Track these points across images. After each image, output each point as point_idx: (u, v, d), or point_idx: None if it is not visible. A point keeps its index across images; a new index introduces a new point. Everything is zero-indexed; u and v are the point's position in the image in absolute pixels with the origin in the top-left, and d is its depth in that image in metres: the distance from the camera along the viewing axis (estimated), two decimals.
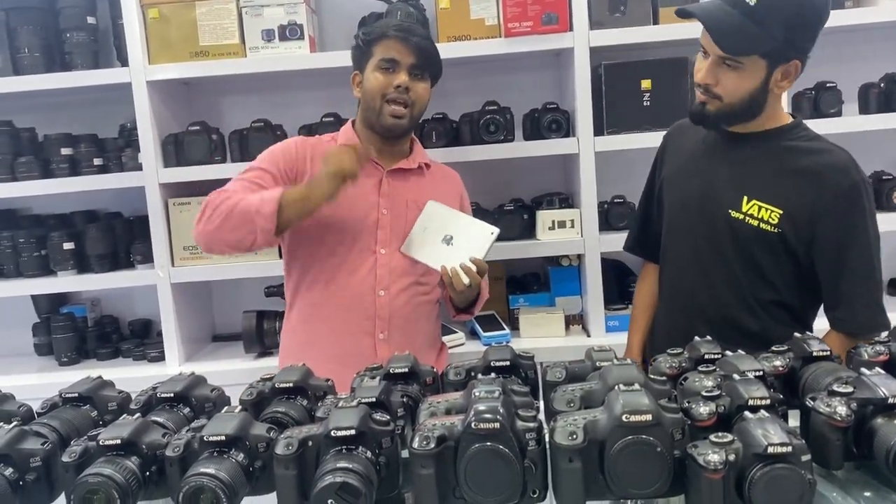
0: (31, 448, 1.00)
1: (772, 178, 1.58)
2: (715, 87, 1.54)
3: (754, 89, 1.53)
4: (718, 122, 1.60)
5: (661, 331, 1.79)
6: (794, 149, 1.59)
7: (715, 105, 1.56)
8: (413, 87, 1.80)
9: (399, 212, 1.85)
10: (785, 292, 1.61)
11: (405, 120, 1.81)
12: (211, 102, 2.77)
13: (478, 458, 0.89)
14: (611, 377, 1.02)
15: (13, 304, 2.77)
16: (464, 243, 1.77)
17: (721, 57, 1.51)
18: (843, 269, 1.56)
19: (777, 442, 0.83)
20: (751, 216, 1.57)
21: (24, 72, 2.48)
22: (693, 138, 1.72)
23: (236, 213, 1.66)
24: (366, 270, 1.81)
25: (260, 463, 0.97)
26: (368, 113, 1.83)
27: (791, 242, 1.56)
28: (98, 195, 2.66)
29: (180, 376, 1.22)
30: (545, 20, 2.34)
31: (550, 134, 2.44)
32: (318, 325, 1.84)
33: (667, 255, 1.77)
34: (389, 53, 1.79)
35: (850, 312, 1.57)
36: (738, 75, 1.51)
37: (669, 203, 1.75)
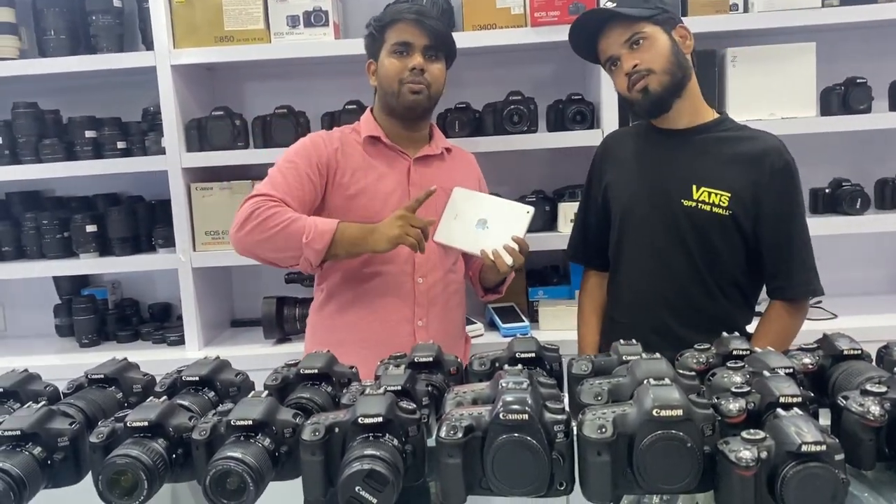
0: (60, 428, 1.00)
1: (715, 165, 1.70)
2: (641, 64, 1.66)
3: (669, 49, 1.67)
4: (668, 94, 1.68)
5: (620, 327, 1.80)
6: (729, 138, 1.73)
7: (654, 80, 1.67)
8: (428, 68, 1.81)
9: (428, 199, 1.84)
10: (737, 273, 1.73)
11: (423, 97, 1.81)
12: (234, 88, 2.77)
13: (505, 449, 0.88)
14: (640, 371, 1.01)
15: (35, 286, 2.80)
16: (500, 225, 1.78)
17: (626, 42, 1.67)
18: (782, 240, 1.69)
19: (811, 440, 0.82)
20: (703, 202, 1.68)
21: (49, 54, 2.50)
22: (631, 143, 1.85)
23: (284, 235, 1.67)
24: (403, 259, 1.83)
25: (286, 448, 0.97)
26: (387, 98, 1.84)
27: (741, 222, 1.68)
28: (121, 178, 2.68)
29: (205, 360, 1.22)
30: (572, 10, 2.31)
31: (574, 125, 2.42)
32: (356, 313, 1.84)
33: (622, 254, 1.82)
34: (402, 37, 1.80)
35: (787, 280, 1.71)
36: (649, 44, 1.66)
37: (619, 205, 1.81)
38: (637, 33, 1.67)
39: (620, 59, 1.69)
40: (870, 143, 2.61)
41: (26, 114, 2.51)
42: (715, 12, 2.35)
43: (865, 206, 2.44)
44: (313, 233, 1.67)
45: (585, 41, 1.77)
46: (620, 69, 1.70)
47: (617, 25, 1.68)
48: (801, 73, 2.38)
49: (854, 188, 2.44)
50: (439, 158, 1.94)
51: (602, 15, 1.71)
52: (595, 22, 1.73)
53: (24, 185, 2.73)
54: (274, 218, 1.68)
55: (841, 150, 2.63)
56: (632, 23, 1.67)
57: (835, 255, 2.35)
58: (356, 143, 1.87)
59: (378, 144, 1.88)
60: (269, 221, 1.68)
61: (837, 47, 2.53)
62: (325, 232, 1.67)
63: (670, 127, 1.75)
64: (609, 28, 1.70)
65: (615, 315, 1.87)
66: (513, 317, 2.50)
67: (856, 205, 2.42)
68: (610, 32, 1.70)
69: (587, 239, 1.94)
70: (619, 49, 1.69)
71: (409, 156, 1.88)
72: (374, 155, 1.87)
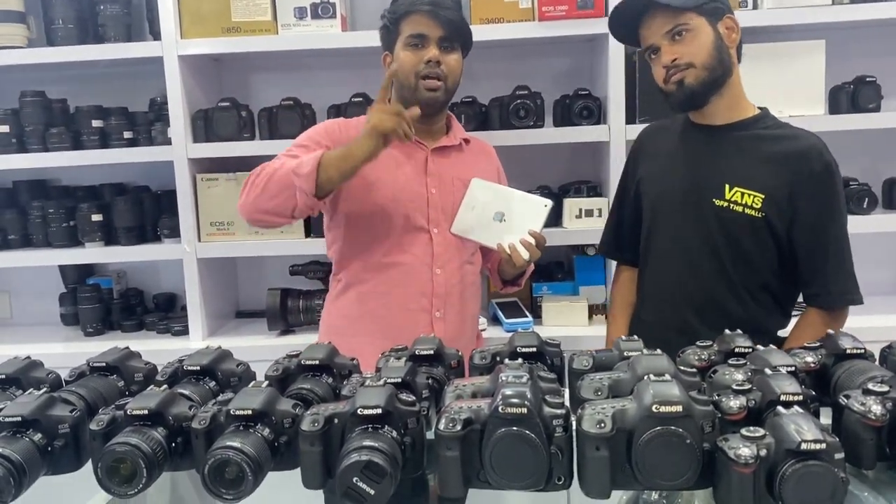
0: (60, 415, 1.00)
1: (751, 165, 1.64)
2: (681, 58, 1.60)
3: (713, 43, 1.61)
4: (705, 90, 1.63)
5: (646, 326, 1.79)
6: (767, 136, 1.67)
7: (692, 75, 1.61)
8: (445, 59, 1.78)
9: (447, 190, 1.85)
10: (769, 277, 1.67)
11: (440, 92, 1.79)
12: (241, 79, 2.77)
13: (504, 443, 0.88)
14: (640, 367, 1.00)
15: (41, 274, 2.81)
16: (517, 218, 1.75)
17: (669, 32, 1.60)
18: (820, 245, 1.63)
19: (811, 438, 0.81)
20: (735, 203, 1.63)
21: (57, 43, 2.50)
22: (667, 137, 1.80)
23: (275, 179, 1.66)
24: (421, 249, 1.82)
25: (285, 438, 0.97)
26: (404, 92, 1.81)
27: (774, 225, 1.62)
28: (127, 168, 2.69)
29: (207, 350, 1.22)
30: (580, 5, 2.31)
31: (581, 121, 2.42)
32: (374, 303, 1.83)
33: (650, 250, 1.79)
34: (417, 29, 1.77)
35: (824, 287, 1.65)
36: (692, 36, 1.60)
37: (651, 200, 1.78)
38: (680, 24, 1.60)
39: (661, 49, 1.63)
40: (878, 142, 2.59)
41: (34, 102, 2.52)
42: None
43: (873, 206, 2.43)
44: (298, 165, 1.65)
45: (627, 25, 1.70)
46: (659, 60, 1.64)
47: (660, 13, 1.61)
48: (810, 70, 2.37)
49: (861, 187, 2.43)
50: (457, 149, 1.91)
51: (646, 2, 1.63)
52: (638, 7, 1.65)
53: (30, 173, 2.74)
54: (266, 172, 1.69)
55: (849, 148, 2.59)
56: (676, 12, 1.60)
57: None
58: None
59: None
60: (262, 176, 1.69)
61: (847, 45, 2.51)
62: (311, 158, 1.65)
63: (707, 122, 1.70)
64: (652, 15, 1.63)
65: (641, 313, 1.84)
66: (516, 312, 2.50)
67: (863, 204, 2.41)
68: (652, 20, 1.63)
69: (620, 233, 1.91)
70: (660, 39, 1.63)
71: (426, 146, 1.86)
72: (392, 145, 1.80)
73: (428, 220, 1.83)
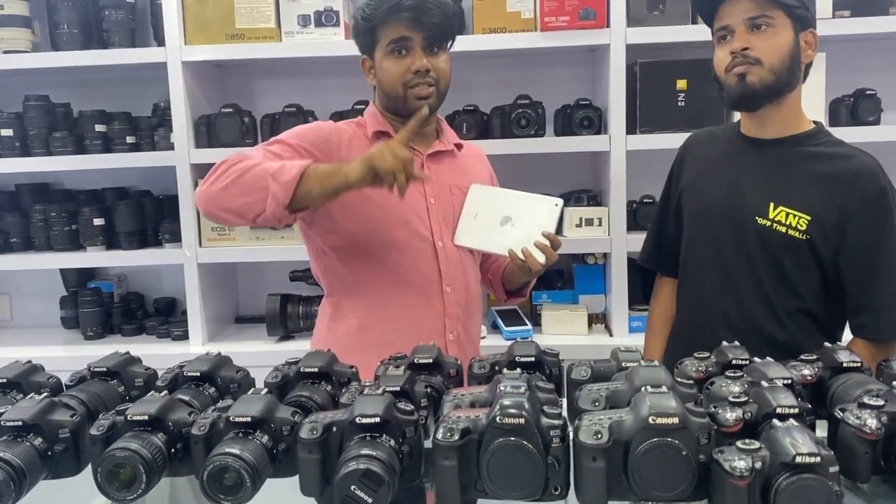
0: (61, 419, 1.01)
1: (798, 183, 1.56)
2: (752, 50, 1.51)
3: (789, 51, 1.52)
4: (764, 94, 1.53)
5: (680, 342, 1.75)
6: (820, 154, 1.58)
7: (756, 73, 1.51)
8: (433, 64, 1.62)
9: (445, 199, 1.71)
10: (811, 301, 1.59)
11: (433, 98, 1.64)
12: (244, 85, 2.78)
13: (501, 453, 0.88)
14: (637, 378, 1.01)
15: (42, 277, 2.82)
16: (526, 221, 1.63)
17: (751, 19, 1.51)
18: (869, 274, 1.54)
19: (806, 451, 0.82)
20: (778, 223, 1.55)
21: (62, 48, 2.52)
22: (713, 147, 1.71)
23: (249, 177, 1.48)
24: (429, 267, 1.66)
25: (284, 446, 0.97)
26: (392, 101, 1.66)
27: (819, 249, 1.54)
28: (129, 173, 2.70)
29: (207, 356, 1.23)
30: (582, 15, 2.32)
31: (582, 130, 2.43)
32: (381, 329, 1.65)
33: (688, 264, 1.72)
34: (399, 32, 1.59)
35: (873, 318, 1.55)
36: (772, 33, 1.51)
37: (692, 211, 1.71)
38: (766, 16, 1.50)
39: (735, 34, 1.53)
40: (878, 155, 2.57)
41: (38, 106, 2.54)
42: None
43: None
44: (279, 169, 1.46)
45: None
46: (728, 44, 1.54)
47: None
48: (811, 83, 2.35)
49: None
50: (451, 155, 1.78)
51: None
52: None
53: (33, 177, 2.75)
54: (241, 166, 1.50)
55: None
56: (766, 3, 1.49)
57: None
58: (363, 139, 1.69)
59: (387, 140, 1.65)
60: (232, 170, 1.50)
61: (847, 58, 2.52)
62: (296, 165, 1.47)
63: (757, 135, 1.62)
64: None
65: (677, 328, 1.77)
66: (516, 320, 2.50)
67: None
68: (738, 2, 1.52)
69: (661, 243, 1.83)
70: (739, 23, 1.52)
71: (421, 152, 1.71)
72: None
73: (431, 233, 1.68)
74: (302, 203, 1.47)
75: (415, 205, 1.67)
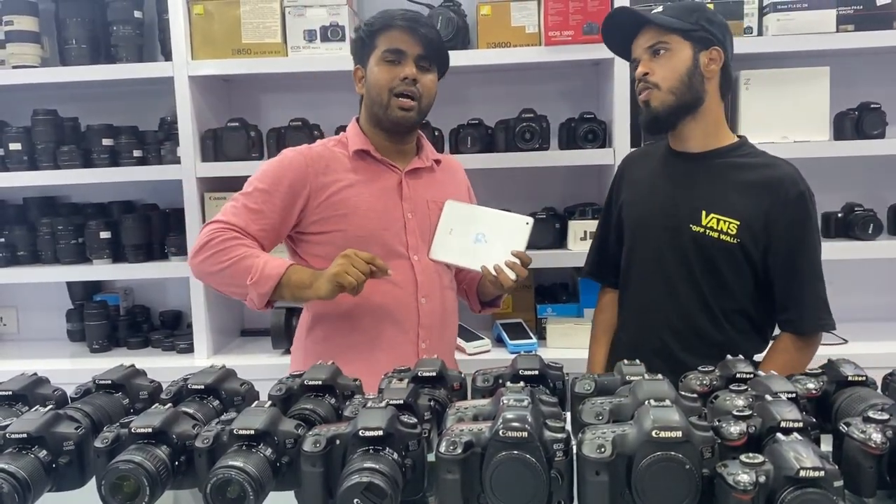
0: (65, 432, 1.01)
1: (727, 192, 1.67)
2: (652, 76, 1.65)
3: (686, 69, 1.64)
4: (668, 117, 1.67)
5: (623, 346, 1.82)
6: (744, 164, 1.69)
7: (657, 97, 1.66)
8: (421, 79, 1.71)
9: (422, 214, 1.77)
10: (745, 302, 1.69)
11: (413, 112, 1.71)
12: (250, 99, 2.80)
13: (504, 466, 0.88)
14: (641, 392, 1.01)
15: (49, 290, 2.83)
16: (498, 238, 1.69)
17: (650, 48, 1.66)
18: (792, 272, 1.65)
19: (809, 466, 0.82)
20: (711, 229, 1.66)
21: (70, 63, 2.54)
22: (647, 164, 1.83)
23: (231, 272, 1.62)
24: (404, 278, 1.73)
25: (287, 459, 0.97)
26: (375, 108, 1.73)
27: (749, 251, 1.65)
28: (136, 186, 2.72)
29: (211, 369, 1.23)
30: (586, 30, 2.33)
31: (586, 144, 2.43)
32: (356, 338, 1.73)
33: (630, 274, 1.81)
34: (395, 44, 1.69)
35: (797, 314, 1.67)
36: (668, 57, 1.64)
37: (631, 224, 1.81)
38: (661, 42, 1.65)
39: (640, 63, 1.69)
40: (883, 168, 2.60)
41: (46, 121, 2.56)
42: None
43: (878, 232, 2.43)
44: (259, 274, 1.59)
45: (624, 37, 1.74)
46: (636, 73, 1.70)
47: (650, 29, 1.67)
48: (815, 96, 2.38)
49: (867, 213, 2.43)
50: (429, 171, 1.83)
51: (637, 17, 1.69)
52: (633, 22, 1.70)
53: (41, 190, 2.77)
54: (226, 252, 1.62)
55: (854, 174, 2.62)
56: (662, 32, 1.64)
57: (846, 280, 2.35)
58: (343, 158, 1.75)
59: (367, 158, 1.76)
60: (220, 255, 1.62)
61: (852, 72, 2.53)
62: (272, 276, 1.59)
63: (684, 149, 1.74)
64: (644, 30, 1.68)
65: (621, 334, 1.87)
66: (520, 333, 2.50)
67: (868, 230, 2.41)
68: (642, 35, 1.69)
69: (604, 256, 1.93)
70: (641, 52, 1.68)
71: (399, 169, 1.77)
72: (363, 170, 1.75)
73: (407, 247, 1.74)
74: (275, 301, 1.65)
75: (393, 220, 1.75)
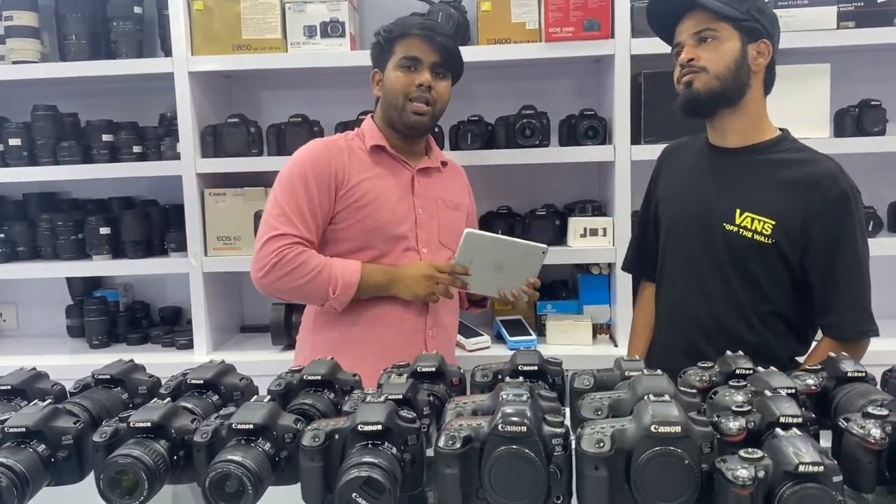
0: (64, 426, 1.01)
1: (763, 190, 1.61)
2: (698, 61, 1.59)
3: (735, 59, 1.58)
4: (708, 102, 1.61)
5: (659, 348, 1.80)
6: (783, 161, 1.63)
7: (701, 80, 1.59)
8: (435, 85, 1.80)
9: (431, 210, 1.87)
10: (781, 303, 1.63)
11: (427, 118, 1.81)
12: (250, 95, 2.80)
13: (503, 461, 0.88)
14: (640, 387, 1.01)
15: (48, 286, 2.83)
16: (515, 266, 1.78)
17: (696, 34, 1.59)
18: (833, 275, 1.58)
19: (809, 461, 0.82)
20: (745, 228, 1.61)
21: (70, 58, 2.54)
22: (684, 158, 1.78)
23: (311, 287, 1.73)
24: None
25: (286, 453, 0.97)
26: (390, 111, 1.83)
27: (785, 252, 1.59)
28: (136, 182, 2.71)
29: (210, 364, 1.23)
30: (587, 26, 2.33)
31: (586, 140, 2.43)
32: (366, 324, 1.81)
33: (664, 271, 1.78)
34: (412, 52, 1.79)
35: (838, 318, 1.60)
36: (716, 44, 1.58)
37: (666, 220, 1.77)
38: (709, 29, 1.58)
39: (684, 48, 1.62)
40: (883, 165, 2.59)
41: (45, 116, 2.55)
42: None
43: (878, 229, 2.43)
44: (340, 286, 1.72)
45: (666, 21, 1.68)
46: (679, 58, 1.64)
47: (698, 13, 1.60)
48: (816, 93, 2.37)
49: (867, 210, 2.43)
50: (437, 170, 1.94)
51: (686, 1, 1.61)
52: (679, 5, 1.63)
53: (41, 186, 2.76)
54: (301, 268, 1.71)
55: (854, 171, 2.55)
56: (710, 18, 1.58)
57: None
58: (361, 151, 1.85)
59: (383, 154, 1.86)
60: (296, 272, 1.71)
61: (852, 69, 2.52)
62: (351, 285, 1.73)
63: (723, 144, 1.68)
64: (690, 14, 1.61)
65: (657, 334, 1.83)
66: (520, 330, 2.50)
67: (868, 227, 2.41)
68: (688, 18, 1.62)
69: (642, 250, 1.90)
70: (687, 38, 1.62)
71: (411, 166, 1.88)
72: (379, 164, 1.85)
73: (417, 241, 1.84)
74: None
75: (406, 215, 1.84)
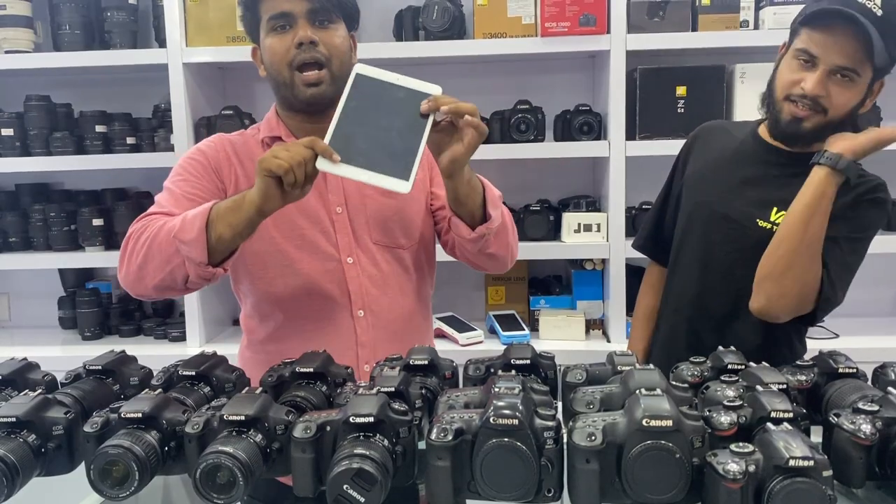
0: (55, 416, 1.01)
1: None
2: (824, 99, 1.46)
3: (857, 104, 1.49)
4: (812, 138, 1.51)
5: (661, 335, 1.75)
6: None
7: (815, 121, 1.48)
8: (321, 37, 1.38)
9: (355, 205, 1.48)
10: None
11: (325, 85, 1.39)
12: (245, 87, 2.79)
13: (494, 454, 0.88)
14: (632, 381, 1.01)
15: (41, 277, 2.82)
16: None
17: (841, 68, 1.43)
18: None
19: (799, 455, 0.82)
20: (777, 225, 1.53)
21: (63, 48, 2.53)
22: (725, 142, 1.68)
23: (157, 247, 1.28)
24: (334, 289, 1.46)
25: (277, 445, 0.97)
26: (281, 90, 1.43)
27: None
28: (129, 174, 2.71)
29: (202, 355, 1.22)
30: (583, 21, 2.33)
31: (581, 136, 2.43)
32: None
33: (678, 257, 1.70)
34: (278, 6, 1.38)
35: None
36: (850, 88, 1.46)
37: (689, 204, 1.68)
38: (854, 70, 1.43)
39: (816, 69, 1.44)
40: (878, 164, 2.59)
41: (38, 106, 2.55)
42: (725, 28, 2.36)
43: None
44: (181, 224, 1.25)
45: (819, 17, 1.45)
46: (806, 72, 1.46)
47: (854, 39, 1.40)
48: None
49: None
50: None
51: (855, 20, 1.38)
52: (842, 18, 1.40)
53: (33, 176, 2.75)
54: (144, 233, 1.31)
55: None
56: (862, 55, 1.41)
57: None
58: (255, 146, 1.49)
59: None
60: (140, 243, 1.31)
61: None
62: (196, 214, 1.25)
63: (779, 145, 1.59)
64: (847, 32, 1.40)
65: (661, 324, 1.76)
66: (513, 325, 2.50)
67: None
68: (842, 37, 1.41)
69: (658, 230, 1.79)
70: (828, 64, 1.43)
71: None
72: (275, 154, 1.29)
73: (338, 248, 1.46)
74: (221, 251, 1.26)
75: (315, 217, 1.46)
